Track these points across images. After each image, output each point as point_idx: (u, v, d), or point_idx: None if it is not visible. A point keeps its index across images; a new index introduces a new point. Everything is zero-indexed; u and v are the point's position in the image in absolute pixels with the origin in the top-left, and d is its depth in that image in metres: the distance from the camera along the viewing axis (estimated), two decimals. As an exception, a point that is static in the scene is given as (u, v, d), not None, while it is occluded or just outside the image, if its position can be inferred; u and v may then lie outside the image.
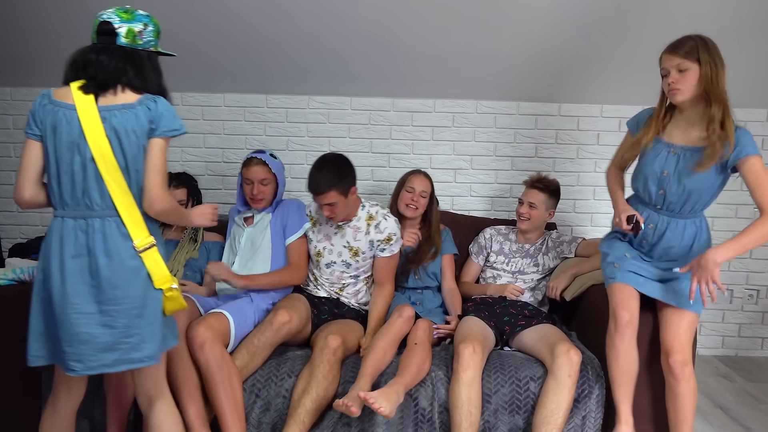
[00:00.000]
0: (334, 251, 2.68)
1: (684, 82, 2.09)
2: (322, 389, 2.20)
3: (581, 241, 2.85)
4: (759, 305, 3.65)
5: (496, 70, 3.27)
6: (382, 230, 2.64)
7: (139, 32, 1.81)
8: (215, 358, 2.16)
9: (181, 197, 2.77)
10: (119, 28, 1.79)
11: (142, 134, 1.76)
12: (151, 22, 1.85)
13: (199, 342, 2.17)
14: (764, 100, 3.44)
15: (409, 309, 2.44)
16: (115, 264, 1.73)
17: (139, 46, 1.82)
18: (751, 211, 3.56)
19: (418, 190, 2.79)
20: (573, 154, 3.51)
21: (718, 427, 2.75)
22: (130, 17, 1.80)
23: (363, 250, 2.66)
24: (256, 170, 2.61)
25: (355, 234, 2.66)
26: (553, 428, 2.17)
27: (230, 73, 3.30)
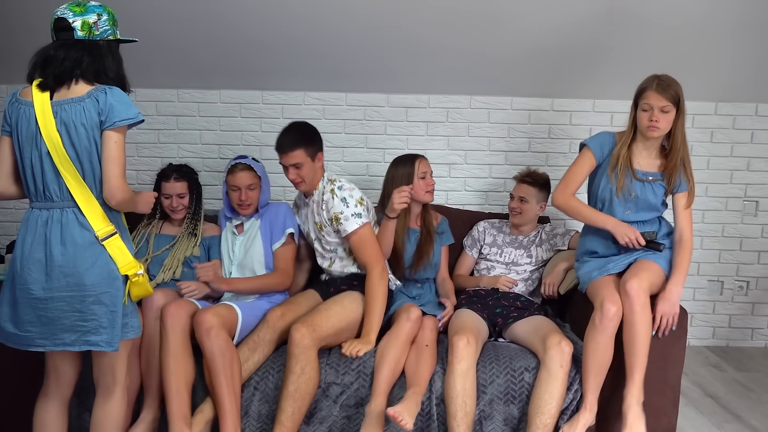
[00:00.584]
0: (311, 230, 2.68)
1: (664, 122, 2.33)
2: (291, 384, 2.20)
3: (574, 234, 2.90)
4: (749, 297, 3.71)
5: (489, 66, 3.31)
6: (329, 209, 2.52)
7: (94, 23, 1.85)
8: (219, 345, 2.19)
9: (181, 190, 2.69)
10: (74, 22, 1.82)
11: (92, 127, 1.81)
12: (105, 11, 1.88)
13: (206, 327, 2.20)
14: (753, 95, 3.49)
15: (416, 310, 2.46)
16: (69, 253, 1.81)
17: (97, 36, 1.86)
18: (741, 203, 3.61)
19: (428, 172, 2.77)
20: (566, 149, 3.56)
21: (708, 415, 2.80)
22: (83, 10, 1.84)
23: (324, 225, 2.59)
24: (242, 176, 2.61)
25: (316, 208, 2.60)
26: (547, 417, 2.21)
27: (226, 69, 3.32)
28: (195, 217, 2.76)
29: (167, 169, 2.74)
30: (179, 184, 2.69)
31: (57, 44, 1.84)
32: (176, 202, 2.68)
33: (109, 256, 1.84)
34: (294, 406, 2.19)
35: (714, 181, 3.58)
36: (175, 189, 2.68)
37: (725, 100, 3.53)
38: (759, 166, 3.60)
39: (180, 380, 2.17)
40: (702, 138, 3.56)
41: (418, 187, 2.72)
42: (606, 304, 2.25)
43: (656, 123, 2.31)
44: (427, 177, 2.76)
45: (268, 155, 3.50)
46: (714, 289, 3.70)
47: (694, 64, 3.27)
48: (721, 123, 3.55)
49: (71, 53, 1.82)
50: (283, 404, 2.19)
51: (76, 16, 1.83)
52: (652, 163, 2.45)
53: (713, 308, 3.72)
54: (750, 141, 3.57)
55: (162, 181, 2.70)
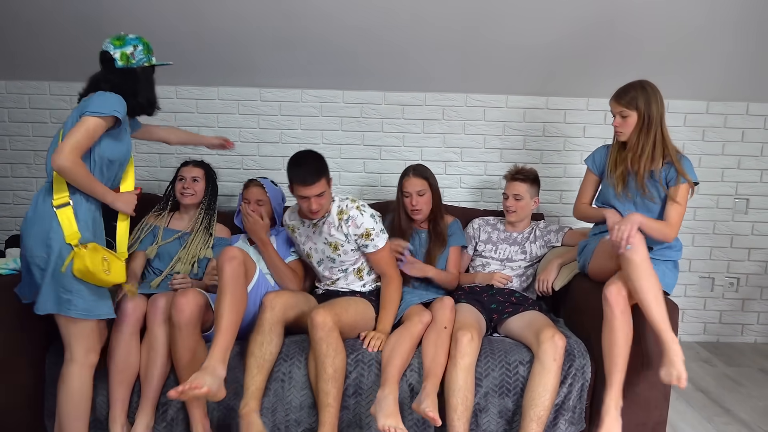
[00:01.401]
0: (318, 249, 2.68)
1: (625, 126, 2.48)
2: (330, 368, 2.24)
3: (568, 230, 2.94)
4: (739, 293, 3.76)
5: (485, 64, 3.34)
6: (359, 225, 2.57)
7: (131, 54, 2.19)
8: (234, 271, 2.24)
9: (196, 174, 2.84)
10: (114, 54, 2.17)
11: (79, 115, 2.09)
12: (141, 42, 2.21)
13: (230, 255, 2.27)
14: (744, 94, 3.54)
15: (428, 314, 2.50)
16: (28, 216, 2.08)
17: (134, 64, 2.20)
18: (732, 201, 3.67)
19: (413, 191, 2.81)
20: (560, 147, 3.60)
21: (699, 409, 2.85)
22: (121, 43, 2.19)
23: (342, 244, 2.61)
24: (253, 191, 2.83)
25: (329, 229, 2.61)
26: (540, 410, 2.25)
27: (224, 66, 3.35)
28: (209, 212, 2.85)
29: (189, 160, 2.94)
30: (196, 169, 2.86)
31: (102, 72, 2.21)
32: (189, 184, 2.81)
33: (57, 224, 2.04)
34: (336, 386, 2.25)
35: (705, 178, 3.63)
36: (191, 172, 2.84)
37: (717, 99, 3.58)
38: (749, 165, 3.65)
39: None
40: (694, 136, 3.61)
41: (405, 205, 2.87)
42: (620, 251, 2.27)
43: (618, 127, 2.50)
44: (413, 196, 2.81)
45: (265, 152, 3.54)
46: (705, 285, 3.76)
47: (686, 63, 3.32)
48: (713, 122, 3.60)
49: (110, 78, 2.18)
50: (327, 387, 2.23)
51: (116, 49, 2.18)
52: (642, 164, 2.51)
53: (704, 304, 3.78)
54: (741, 140, 3.62)
55: (181, 167, 2.88)
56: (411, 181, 2.83)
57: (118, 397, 2.28)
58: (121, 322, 2.30)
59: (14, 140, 3.47)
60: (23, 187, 3.51)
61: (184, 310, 2.24)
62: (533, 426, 2.23)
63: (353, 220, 2.56)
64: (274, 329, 2.31)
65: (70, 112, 2.97)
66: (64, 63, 3.31)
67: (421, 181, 2.83)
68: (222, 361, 2.12)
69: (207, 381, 2.01)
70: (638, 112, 2.43)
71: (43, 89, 3.44)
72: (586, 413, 2.43)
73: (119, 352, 2.28)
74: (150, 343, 2.32)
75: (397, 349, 2.35)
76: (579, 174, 3.59)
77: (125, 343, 2.29)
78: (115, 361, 2.28)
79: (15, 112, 3.45)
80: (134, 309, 2.32)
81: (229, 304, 2.22)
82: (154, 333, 2.32)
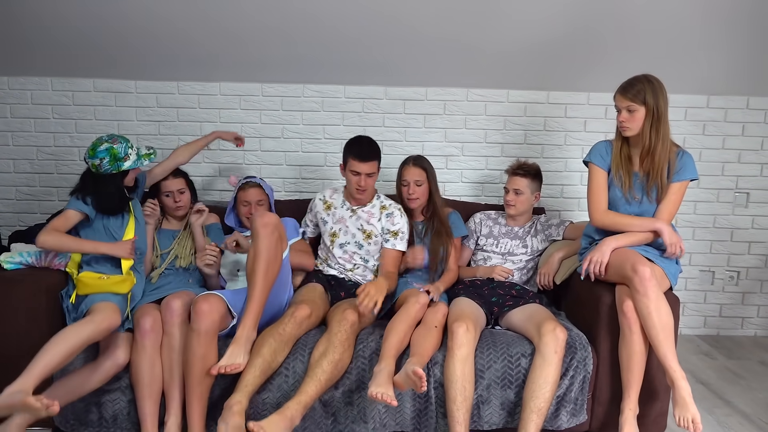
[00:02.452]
0: (348, 232, 2.83)
1: (633, 122, 2.43)
2: (338, 354, 2.28)
3: (568, 224, 2.95)
4: (739, 286, 3.78)
5: (486, 59, 3.35)
6: (395, 223, 2.81)
7: (99, 164, 2.47)
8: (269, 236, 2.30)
9: (180, 186, 2.81)
10: (88, 162, 2.49)
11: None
12: (109, 154, 2.46)
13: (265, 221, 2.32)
14: (745, 88, 3.55)
15: (425, 296, 2.51)
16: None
17: (103, 172, 2.48)
18: (732, 195, 3.68)
19: (411, 180, 2.86)
20: (561, 141, 3.61)
21: (700, 401, 2.86)
22: (93, 153, 2.47)
23: (375, 234, 2.81)
24: (252, 192, 2.88)
25: (368, 218, 2.82)
26: (541, 402, 2.27)
27: (226, 62, 3.35)
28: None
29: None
30: (177, 180, 2.82)
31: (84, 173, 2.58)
32: (177, 197, 2.78)
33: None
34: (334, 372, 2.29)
35: (706, 173, 3.64)
36: (175, 185, 2.79)
37: (717, 93, 3.58)
38: (750, 159, 3.66)
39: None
40: (694, 131, 3.62)
41: (402, 194, 2.91)
42: (639, 267, 2.26)
43: (624, 123, 2.44)
44: (410, 185, 2.86)
45: (267, 147, 3.55)
46: (705, 279, 3.77)
47: (686, 57, 3.33)
48: (713, 116, 3.61)
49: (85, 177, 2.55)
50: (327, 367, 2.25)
51: (89, 159, 2.49)
52: None
53: (704, 298, 3.79)
54: (741, 134, 3.63)
55: (161, 181, 2.80)
56: (410, 170, 2.89)
57: (147, 411, 2.29)
58: (143, 338, 2.29)
59: (17, 136, 3.48)
60: (26, 183, 3.52)
61: (206, 318, 2.24)
62: (533, 417, 2.25)
63: (392, 217, 2.82)
64: (290, 342, 2.37)
65: (72, 107, 3.43)
66: (65, 58, 3.32)
67: (419, 170, 2.88)
68: (254, 328, 2.26)
69: (241, 357, 2.19)
70: (646, 106, 2.39)
71: (45, 85, 3.44)
72: (587, 405, 2.45)
73: (144, 367, 2.28)
74: (170, 345, 2.32)
75: (394, 327, 2.38)
76: (579, 168, 3.60)
77: (149, 357, 2.29)
78: (141, 375, 2.28)
79: (17, 108, 3.46)
80: (153, 323, 2.32)
81: (263, 272, 2.27)
82: (172, 334, 2.33)
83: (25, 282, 2.34)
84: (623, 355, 2.34)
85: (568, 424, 2.42)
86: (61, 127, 3.48)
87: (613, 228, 2.49)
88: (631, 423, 2.30)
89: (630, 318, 2.29)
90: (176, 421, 2.29)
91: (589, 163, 2.59)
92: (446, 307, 2.56)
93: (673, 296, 2.40)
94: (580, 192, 3.64)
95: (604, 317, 2.43)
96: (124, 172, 2.52)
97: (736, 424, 2.67)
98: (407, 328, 2.40)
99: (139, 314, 2.35)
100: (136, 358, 2.28)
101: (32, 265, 2.44)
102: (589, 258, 2.42)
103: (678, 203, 2.47)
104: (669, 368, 2.22)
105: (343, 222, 2.85)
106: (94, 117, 3.48)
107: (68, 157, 3.50)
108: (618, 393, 2.40)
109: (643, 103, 2.39)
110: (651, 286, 2.23)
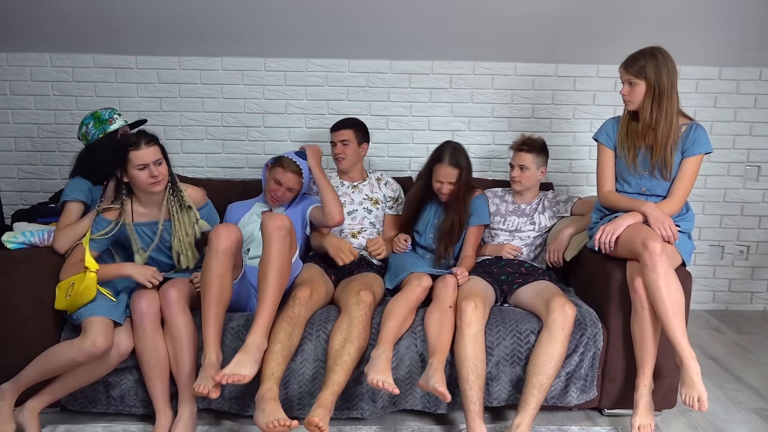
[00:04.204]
0: (354, 202, 2.96)
1: (633, 95, 2.41)
2: (362, 340, 2.27)
3: (577, 200, 2.91)
4: (749, 261, 3.75)
5: (493, 31, 3.28)
6: (395, 189, 3.05)
7: (86, 132, 2.54)
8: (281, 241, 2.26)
9: (156, 156, 2.31)
10: (78, 136, 2.58)
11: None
12: (92, 118, 2.54)
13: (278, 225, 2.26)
14: (757, 59, 3.48)
15: (428, 280, 2.47)
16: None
17: (91, 140, 2.54)
18: (743, 168, 3.63)
19: (445, 181, 2.78)
20: (569, 115, 3.55)
21: (709, 376, 2.86)
22: (80, 126, 2.56)
23: (381, 200, 3.00)
24: (290, 177, 2.71)
25: (371, 189, 3.02)
26: (543, 378, 2.25)
27: (227, 36, 3.29)
28: (175, 186, 2.43)
29: (129, 138, 2.33)
30: (152, 149, 2.31)
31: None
32: (155, 170, 2.30)
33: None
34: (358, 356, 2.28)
35: (717, 146, 3.59)
36: (150, 155, 2.29)
37: (729, 65, 3.52)
38: (762, 131, 3.60)
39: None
40: (705, 103, 3.55)
41: (434, 185, 2.84)
42: (649, 242, 2.21)
43: (626, 96, 2.43)
44: (443, 185, 2.79)
45: (270, 123, 3.50)
46: (714, 253, 3.74)
47: (697, 28, 3.26)
48: (725, 88, 3.54)
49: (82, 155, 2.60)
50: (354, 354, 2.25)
51: (78, 132, 2.58)
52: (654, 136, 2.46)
53: (713, 272, 3.76)
54: (753, 106, 3.57)
55: (129, 150, 2.28)
56: (444, 170, 2.77)
57: (157, 392, 2.28)
58: (141, 320, 2.26)
59: (17, 113, 3.44)
60: (27, 161, 3.49)
61: (224, 239, 2.22)
62: (534, 393, 2.24)
63: (390, 185, 3.06)
64: (302, 324, 2.34)
65: (72, 84, 3.45)
66: (64, 34, 3.25)
67: (452, 172, 2.77)
68: (265, 336, 2.19)
69: (248, 368, 2.09)
70: (647, 81, 2.36)
71: (45, 61, 3.39)
72: (597, 381, 2.43)
73: (147, 349, 2.26)
74: (172, 335, 2.28)
75: (393, 311, 2.36)
76: (588, 143, 3.55)
77: (150, 340, 2.26)
78: (146, 358, 2.26)
79: (17, 85, 3.41)
80: (149, 305, 2.28)
81: (275, 279, 2.22)
82: (174, 323, 2.28)
83: (29, 261, 2.31)
84: (636, 331, 2.31)
85: (577, 400, 2.41)
86: (62, 104, 3.43)
87: (612, 209, 2.51)
88: (646, 399, 2.30)
89: (641, 295, 2.26)
90: (189, 408, 2.28)
91: (597, 141, 2.60)
92: (454, 280, 2.51)
93: (685, 272, 2.37)
94: (589, 167, 3.59)
95: (614, 293, 2.40)
96: (112, 134, 2.52)
97: (746, 399, 2.66)
98: (407, 311, 2.38)
99: (135, 298, 2.30)
100: (138, 342, 2.27)
101: (35, 244, 2.41)
102: (602, 228, 2.39)
103: (693, 179, 2.42)
104: (678, 346, 2.19)
105: (348, 196, 2.97)
106: (95, 93, 3.42)
107: (69, 135, 3.45)
108: (629, 369, 2.39)
109: (644, 78, 2.36)
110: (660, 261, 2.19)
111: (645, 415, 2.29)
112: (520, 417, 2.22)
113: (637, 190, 2.50)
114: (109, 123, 2.51)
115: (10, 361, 2.29)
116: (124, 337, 2.26)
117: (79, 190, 2.47)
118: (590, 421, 2.49)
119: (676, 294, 2.21)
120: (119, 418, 2.43)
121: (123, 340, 2.26)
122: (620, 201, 2.48)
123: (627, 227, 2.36)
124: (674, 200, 2.42)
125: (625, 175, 2.52)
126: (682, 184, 2.42)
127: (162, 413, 2.28)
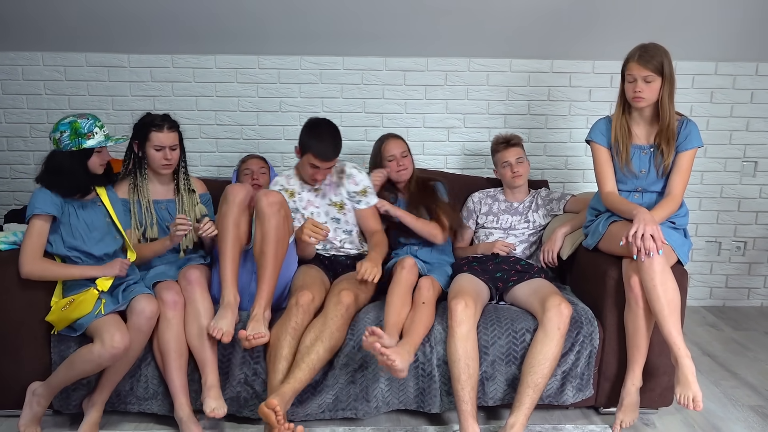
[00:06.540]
0: (321, 212, 2.74)
1: (649, 92, 2.33)
2: (334, 341, 2.26)
3: (570, 198, 2.89)
4: (746, 257, 3.74)
5: (487, 27, 3.26)
6: (358, 182, 2.72)
7: (59, 139, 2.27)
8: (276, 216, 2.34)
9: (174, 141, 2.50)
10: (50, 136, 2.30)
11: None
12: (70, 127, 2.26)
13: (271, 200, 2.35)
14: (753, 54, 3.47)
15: (410, 259, 2.50)
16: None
17: (61, 149, 2.27)
18: (739, 164, 3.61)
19: (398, 154, 2.84)
20: (565, 111, 3.54)
21: (706, 373, 2.85)
22: (55, 127, 2.28)
23: (345, 203, 2.74)
24: (253, 161, 2.91)
25: (333, 190, 2.74)
26: (538, 377, 2.23)
27: (221, 34, 3.26)
28: (185, 171, 2.63)
29: (155, 119, 2.51)
30: (173, 135, 2.50)
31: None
32: (170, 154, 2.49)
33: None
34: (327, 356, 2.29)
35: (713, 141, 3.57)
36: (169, 140, 2.48)
37: (725, 60, 3.50)
38: (758, 127, 3.59)
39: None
40: (701, 98, 3.54)
41: (389, 170, 2.87)
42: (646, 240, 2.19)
43: (640, 93, 2.33)
44: (397, 158, 2.84)
45: (264, 121, 3.49)
46: (711, 249, 3.73)
47: (694, 23, 3.24)
48: (721, 83, 3.53)
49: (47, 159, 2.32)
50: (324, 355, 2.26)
51: (52, 133, 2.29)
52: (649, 135, 2.46)
53: (710, 269, 3.75)
54: (750, 101, 3.56)
55: (152, 130, 2.47)
56: (393, 142, 2.88)
57: (178, 384, 2.28)
58: (168, 310, 2.29)
59: (9, 113, 3.41)
60: (20, 161, 3.46)
61: (238, 193, 2.38)
62: (529, 392, 2.22)
63: (353, 177, 2.72)
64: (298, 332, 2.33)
65: (65, 83, 3.35)
66: (56, 32, 3.23)
67: (400, 142, 2.89)
68: (268, 306, 2.32)
69: (263, 329, 2.24)
70: (663, 77, 2.31)
71: (37, 60, 3.36)
72: (593, 380, 2.42)
73: (171, 339, 2.27)
74: (194, 313, 2.31)
75: (391, 302, 2.39)
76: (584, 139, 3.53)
77: (175, 330, 2.29)
78: (169, 347, 2.27)
79: (8, 84, 3.38)
80: (176, 296, 2.32)
81: (273, 253, 2.31)
82: (195, 301, 2.33)
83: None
84: (629, 328, 2.31)
85: (574, 399, 2.40)
86: (54, 104, 3.40)
87: (612, 211, 2.47)
88: (632, 397, 2.31)
89: (636, 292, 2.25)
90: (215, 378, 2.29)
91: (591, 142, 2.54)
92: (431, 281, 2.48)
93: (682, 270, 2.35)
94: (585, 163, 3.57)
95: (610, 292, 2.39)
96: (86, 152, 2.28)
97: (743, 396, 2.65)
98: (403, 295, 2.40)
99: (160, 288, 2.35)
100: (163, 332, 2.28)
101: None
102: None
103: (689, 173, 2.41)
104: (674, 345, 2.18)
105: (312, 204, 2.75)
106: (88, 92, 3.40)
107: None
108: (625, 368, 2.37)
109: (661, 74, 2.31)
110: (657, 259, 2.18)
111: (628, 412, 2.31)
112: (515, 416, 2.20)
113: (633, 188, 2.49)
114: (87, 138, 2.26)
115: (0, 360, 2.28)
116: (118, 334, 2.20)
117: (47, 204, 2.26)
118: (586, 419, 2.48)
119: (672, 292, 2.20)
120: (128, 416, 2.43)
121: (117, 337, 2.19)
122: (619, 204, 2.42)
123: (613, 223, 2.40)
124: (675, 197, 2.39)
125: (619, 174, 2.50)
126: (680, 178, 2.40)
127: (184, 408, 2.28)
